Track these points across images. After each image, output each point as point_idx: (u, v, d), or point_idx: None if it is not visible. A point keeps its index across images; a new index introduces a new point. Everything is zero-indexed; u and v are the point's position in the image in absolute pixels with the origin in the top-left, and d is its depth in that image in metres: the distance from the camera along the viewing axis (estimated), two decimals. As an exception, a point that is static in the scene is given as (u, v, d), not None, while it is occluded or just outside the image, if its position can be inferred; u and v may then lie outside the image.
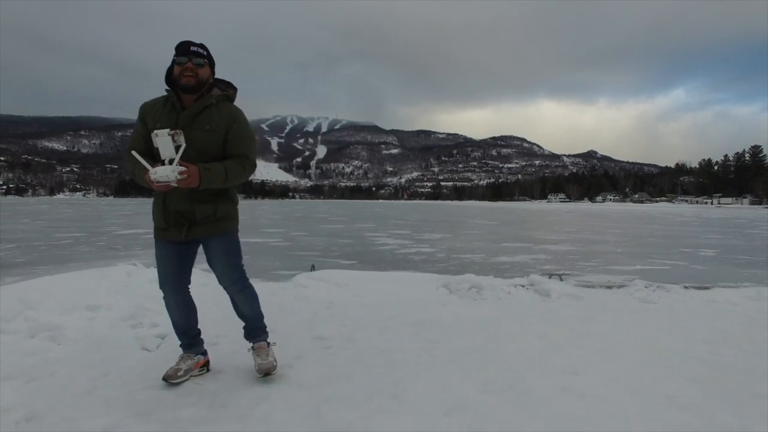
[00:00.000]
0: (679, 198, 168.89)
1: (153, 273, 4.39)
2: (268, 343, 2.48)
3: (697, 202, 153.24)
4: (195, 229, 2.25)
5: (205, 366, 2.39)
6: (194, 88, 2.21)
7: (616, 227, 22.22)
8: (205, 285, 4.22)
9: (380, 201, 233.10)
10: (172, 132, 2.04)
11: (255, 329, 2.50)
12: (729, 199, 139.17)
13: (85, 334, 2.64)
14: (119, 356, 2.29)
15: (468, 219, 28.18)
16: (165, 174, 1.98)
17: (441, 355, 2.46)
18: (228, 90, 2.41)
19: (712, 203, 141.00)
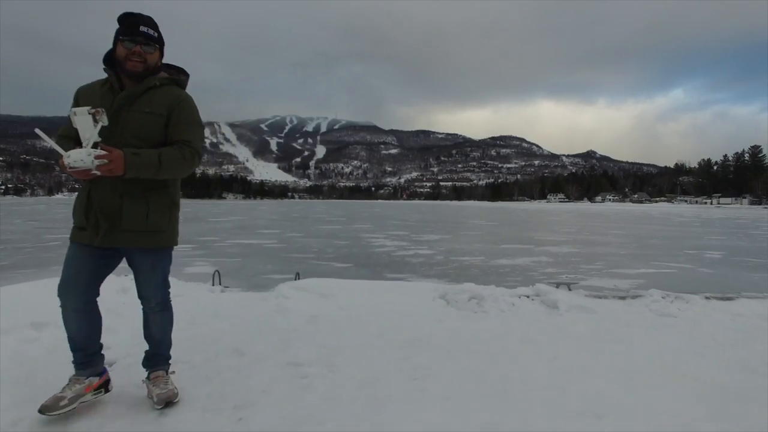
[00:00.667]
0: (678, 198, 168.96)
1: (123, 282, 3.99)
2: (166, 371, 2.13)
3: (696, 202, 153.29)
4: (117, 235, 1.88)
5: (103, 387, 2.00)
6: (141, 75, 1.89)
7: (617, 228, 21.86)
8: (179, 296, 3.83)
9: (379, 201, 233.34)
10: (93, 110, 1.67)
11: (158, 356, 2.15)
12: (728, 199, 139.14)
13: (16, 362, 2.25)
14: (47, 394, 1.91)
15: (467, 219, 27.82)
16: (79, 158, 1.61)
17: (433, 389, 2.07)
18: (179, 76, 2.06)
19: (711, 203, 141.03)
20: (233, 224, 21.05)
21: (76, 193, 2.02)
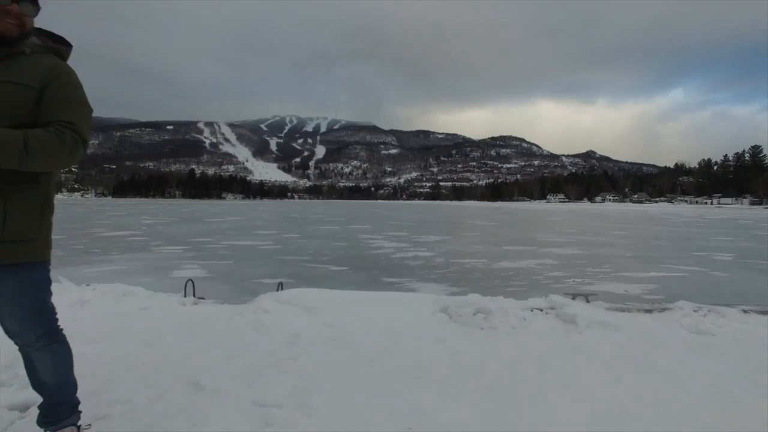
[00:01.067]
0: (678, 198, 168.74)
1: (82, 292, 3.54)
2: (79, 427, 1.63)
3: (696, 202, 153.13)
4: None
5: None
6: (14, 41, 1.41)
7: (620, 228, 21.43)
8: (143, 309, 3.38)
9: (379, 201, 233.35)
10: None
11: (59, 407, 1.63)
12: (729, 200, 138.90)
13: None
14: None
15: (467, 220, 27.39)
16: None
17: (435, 443, 1.62)
18: (59, 45, 1.58)
19: (711, 203, 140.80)
20: (229, 225, 20.63)
21: (76, 194, 1.51)
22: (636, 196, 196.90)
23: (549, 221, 28.03)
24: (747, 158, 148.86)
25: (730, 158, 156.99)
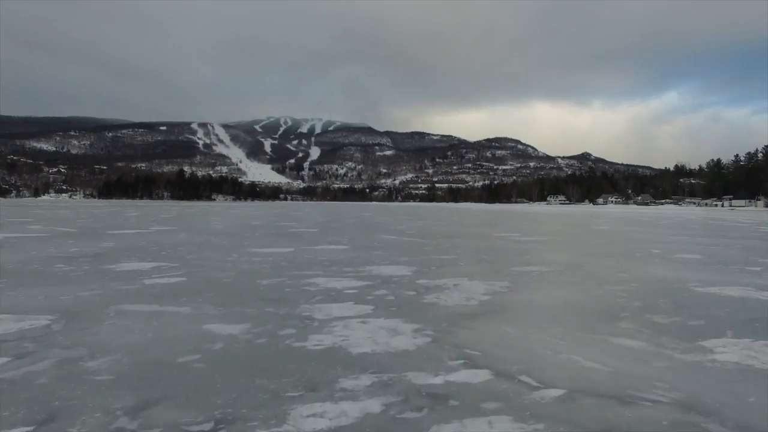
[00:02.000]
0: (686, 200, 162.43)
1: None
2: None
3: (706, 204, 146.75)
4: None
5: None
6: None
7: (685, 236, 12.95)
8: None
9: (373, 203, 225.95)
10: None
11: None
12: (742, 202, 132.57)
13: None
14: None
15: (486, 229, 19.31)
16: None
17: None
18: None
19: (722, 206, 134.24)
20: (130, 243, 12.61)
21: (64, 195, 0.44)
22: (640, 198, 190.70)
23: (606, 231, 20.13)
24: (760, 158, 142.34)
25: (742, 158, 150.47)
